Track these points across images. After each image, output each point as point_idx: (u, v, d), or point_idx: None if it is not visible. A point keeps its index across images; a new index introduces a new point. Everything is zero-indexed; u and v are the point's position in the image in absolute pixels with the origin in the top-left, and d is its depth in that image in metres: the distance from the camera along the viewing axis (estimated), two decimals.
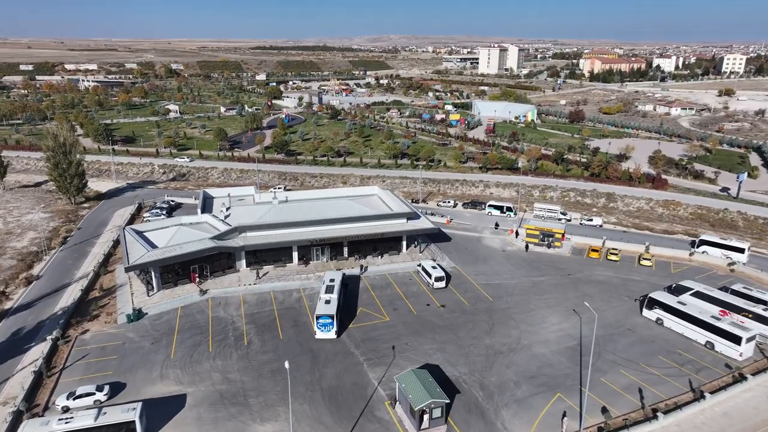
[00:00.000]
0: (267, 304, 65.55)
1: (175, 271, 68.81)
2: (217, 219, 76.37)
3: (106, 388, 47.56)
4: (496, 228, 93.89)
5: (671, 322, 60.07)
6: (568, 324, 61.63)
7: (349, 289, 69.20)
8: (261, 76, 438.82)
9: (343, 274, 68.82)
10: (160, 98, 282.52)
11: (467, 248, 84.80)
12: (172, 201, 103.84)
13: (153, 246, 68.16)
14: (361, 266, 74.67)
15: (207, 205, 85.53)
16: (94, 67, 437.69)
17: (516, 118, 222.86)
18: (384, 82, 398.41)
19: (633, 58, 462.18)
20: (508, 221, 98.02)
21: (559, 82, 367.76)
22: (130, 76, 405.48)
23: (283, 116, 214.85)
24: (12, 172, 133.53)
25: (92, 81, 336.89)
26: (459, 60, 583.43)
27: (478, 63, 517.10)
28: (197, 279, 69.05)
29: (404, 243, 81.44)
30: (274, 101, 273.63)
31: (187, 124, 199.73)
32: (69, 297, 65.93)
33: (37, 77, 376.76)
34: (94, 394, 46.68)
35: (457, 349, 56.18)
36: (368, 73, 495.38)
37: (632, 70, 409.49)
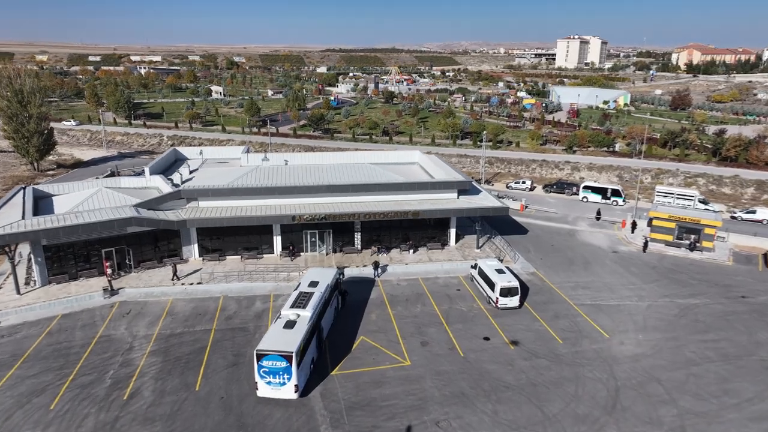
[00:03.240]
0: (204, 319, 38.11)
1: (75, 255, 43.04)
2: (170, 183, 50.12)
3: None
4: (598, 218, 62.21)
5: None
6: None
7: (349, 300, 40.52)
8: (322, 69, 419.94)
9: (339, 273, 40.28)
10: (210, 83, 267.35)
11: (554, 245, 53.90)
12: None
13: (49, 213, 42.73)
14: (376, 264, 45.53)
15: (175, 167, 59.78)
16: (158, 58, 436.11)
17: (604, 103, 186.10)
18: (450, 74, 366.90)
19: (740, 49, 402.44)
20: (616, 210, 65.90)
21: (651, 73, 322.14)
22: (192, 67, 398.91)
23: (332, 98, 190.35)
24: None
25: (148, 68, 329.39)
26: (533, 55, 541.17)
27: (554, 58, 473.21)
28: (109, 271, 42.69)
29: (452, 231, 51.74)
30: (327, 87, 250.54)
31: (224, 104, 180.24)
32: None
33: (103, 67, 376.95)
34: None
35: None
36: (434, 68, 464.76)
37: (738, 62, 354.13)
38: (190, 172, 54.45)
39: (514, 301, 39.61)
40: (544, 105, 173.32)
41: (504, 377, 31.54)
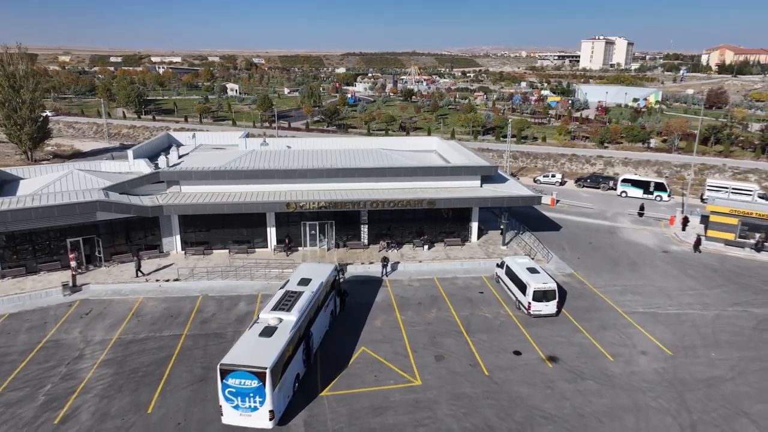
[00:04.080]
0: (175, 322, 31.84)
1: (35, 246, 37.23)
2: (155, 167, 44.22)
3: None
4: (641, 215, 54.61)
5: None
6: None
7: (349, 302, 33.84)
8: (341, 70, 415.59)
9: (338, 270, 33.63)
10: (226, 81, 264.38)
11: (592, 243, 46.60)
12: None
13: (11, 197, 37.07)
14: (384, 260, 38.81)
15: (165, 153, 54.05)
16: (178, 59, 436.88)
17: (634, 101, 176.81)
18: (471, 75, 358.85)
19: None
20: (660, 206, 58.25)
21: (681, 72, 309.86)
22: (211, 67, 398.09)
23: (349, 95, 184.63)
24: None
25: (166, 68, 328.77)
26: (556, 57, 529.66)
27: (578, 60, 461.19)
28: (73, 264, 36.70)
29: (474, 225, 44.77)
30: (344, 87, 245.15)
31: (239, 101, 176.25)
32: None
33: (122, 67, 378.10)
34: None
35: None
36: (454, 69, 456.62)
37: None
38: (179, 157, 48.64)
39: (550, 307, 32.51)
40: (570, 102, 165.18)
41: (541, 405, 24.52)
